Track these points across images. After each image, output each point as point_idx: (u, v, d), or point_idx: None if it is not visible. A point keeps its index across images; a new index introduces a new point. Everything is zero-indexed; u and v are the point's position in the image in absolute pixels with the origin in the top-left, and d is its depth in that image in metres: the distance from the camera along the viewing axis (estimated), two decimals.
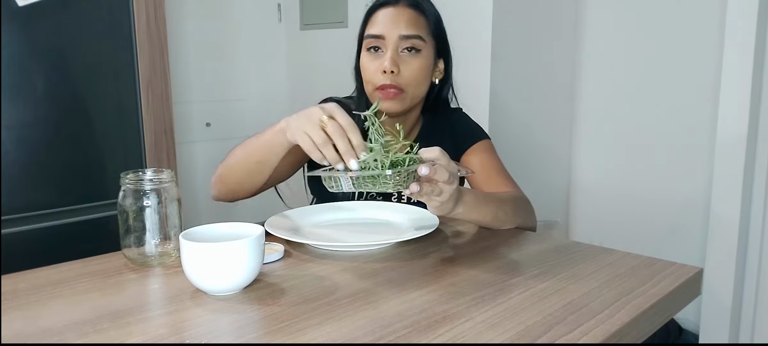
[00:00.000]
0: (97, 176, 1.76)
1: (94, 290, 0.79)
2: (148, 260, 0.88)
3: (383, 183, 0.81)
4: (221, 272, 0.74)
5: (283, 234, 0.96)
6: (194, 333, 0.65)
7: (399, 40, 1.14)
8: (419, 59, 1.16)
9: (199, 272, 0.75)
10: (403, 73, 1.15)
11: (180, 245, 0.76)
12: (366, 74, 1.18)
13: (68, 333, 0.65)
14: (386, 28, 1.15)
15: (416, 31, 1.15)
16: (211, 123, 2.45)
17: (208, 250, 0.74)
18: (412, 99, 1.18)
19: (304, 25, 2.55)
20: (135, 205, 0.87)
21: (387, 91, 1.15)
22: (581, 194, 2.25)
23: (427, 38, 1.17)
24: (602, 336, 0.64)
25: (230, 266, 0.74)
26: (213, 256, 0.74)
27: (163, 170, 0.89)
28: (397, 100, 1.16)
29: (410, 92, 1.17)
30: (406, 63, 1.15)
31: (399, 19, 1.15)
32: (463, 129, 1.29)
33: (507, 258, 0.91)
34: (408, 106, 1.19)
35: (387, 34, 1.15)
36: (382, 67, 1.14)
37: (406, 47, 1.15)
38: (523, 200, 1.16)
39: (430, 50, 1.19)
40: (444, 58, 1.24)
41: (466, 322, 0.68)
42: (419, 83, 1.18)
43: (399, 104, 1.17)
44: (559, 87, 2.19)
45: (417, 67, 1.16)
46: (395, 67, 1.14)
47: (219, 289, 0.76)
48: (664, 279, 0.82)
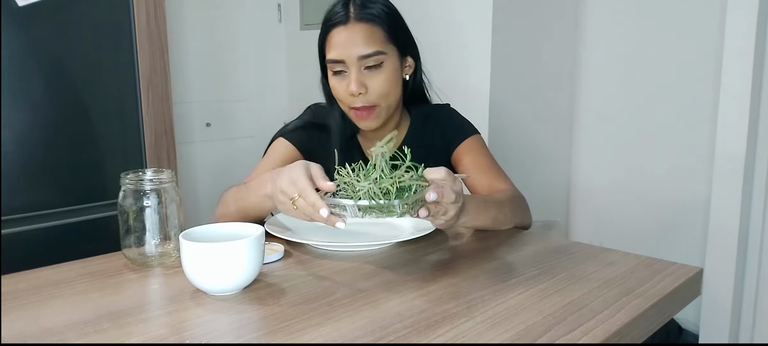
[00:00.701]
0: (97, 176, 1.76)
1: (95, 291, 0.79)
2: (148, 260, 0.88)
3: (390, 212, 0.80)
4: (221, 272, 0.74)
5: (283, 234, 0.96)
6: (194, 333, 0.65)
7: (359, 61, 1.12)
8: (384, 72, 1.14)
9: (200, 272, 0.75)
10: (371, 90, 1.13)
11: (180, 245, 0.76)
12: (338, 96, 1.18)
13: (68, 333, 0.65)
14: (344, 52, 1.12)
15: (373, 47, 1.12)
16: (211, 123, 2.45)
17: (208, 250, 0.74)
18: (387, 109, 1.17)
19: (304, 25, 2.56)
20: (135, 205, 0.87)
21: (360, 112, 1.15)
22: (581, 194, 2.25)
23: (386, 48, 1.14)
24: (602, 336, 0.64)
25: (230, 266, 0.74)
26: (213, 256, 0.74)
27: (163, 170, 0.90)
28: (373, 117, 1.16)
29: (384, 104, 1.16)
30: (372, 78, 1.13)
31: (354, 40, 1.12)
32: (453, 125, 1.28)
33: (507, 258, 0.91)
34: (385, 117, 1.18)
35: (346, 58, 1.12)
36: (349, 90, 1.13)
37: (368, 66, 1.13)
38: (519, 198, 1.16)
39: (393, 57, 1.15)
40: (410, 53, 1.22)
41: (466, 322, 0.68)
42: (389, 93, 1.16)
43: (375, 120, 1.16)
44: (559, 87, 2.19)
45: (383, 80, 1.14)
46: (362, 89, 1.12)
47: (219, 289, 0.76)
48: (664, 279, 0.82)
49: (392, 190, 0.79)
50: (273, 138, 1.26)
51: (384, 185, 0.80)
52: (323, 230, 1.05)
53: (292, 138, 1.22)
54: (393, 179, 0.80)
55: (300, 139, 1.22)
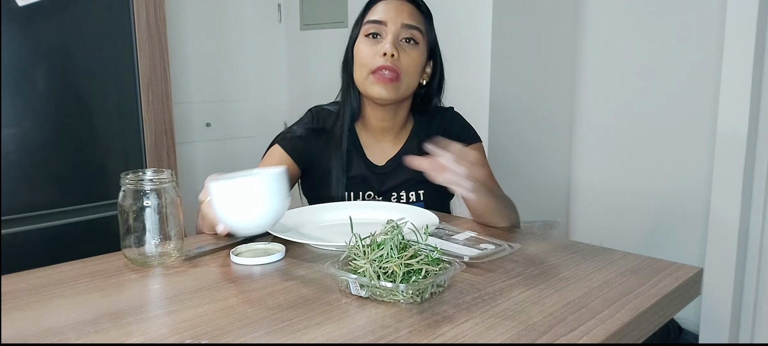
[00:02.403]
0: (98, 176, 1.76)
1: (95, 290, 0.79)
2: (148, 260, 0.88)
3: (394, 296, 0.72)
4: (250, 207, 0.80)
5: (283, 234, 0.96)
6: (194, 333, 0.65)
7: (400, 29, 1.18)
8: (417, 51, 1.20)
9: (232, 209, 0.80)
10: (402, 60, 1.17)
11: (209, 189, 0.82)
12: (362, 58, 1.19)
13: (69, 333, 0.65)
14: (389, 15, 1.18)
15: (417, 23, 1.19)
16: (211, 123, 2.45)
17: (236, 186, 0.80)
18: (405, 88, 1.20)
19: (304, 25, 2.56)
20: (135, 205, 0.87)
21: (384, 74, 1.16)
22: (581, 194, 2.25)
23: (424, 33, 1.21)
24: (602, 336, 0.64)
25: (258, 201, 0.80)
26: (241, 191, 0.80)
27: (163, 170, 0.89)
28: (393, 85, 1.17)
29: (405, 81, 1.19)
30: (405, 52, 1.18)
31: (401, 9, 1.19)
32: (457, 129, 1.30)
33: (507, 258, 0.91)
34: (401, 95, 1.20)
35: (389, 20, 1.17)
36: (382, 50, 1.16)
37: (405, 37, 1.18)
38: (511, 202, 1.19)
39: (424, 46, 1.22)
40: (433, 60, 1.27)
41: (466, 322, 0.68)
42: (413, 74, 1.20)
43: (394, 91, 1.18)
44: (559, 87, 2.19)
45: (415, 57, 1.19)
46: (395, 51, 1.16)
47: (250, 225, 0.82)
48: (664, 279, 0.82)
49: (398, 272, 0.72)
50: (272, 142, 1.27)
51: (390, 266, 0.73)
52: (323, 230, 1.05)
53: (286, 146, 1.23)
54: (400, 259, 0.73)
55: (294, 146, 1.23)
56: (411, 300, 0.72)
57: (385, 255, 0.74)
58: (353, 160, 1.25)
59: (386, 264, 0.73)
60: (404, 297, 0.72)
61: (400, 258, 0.73)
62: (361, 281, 0.73)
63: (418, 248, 0.76)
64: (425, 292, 0.73)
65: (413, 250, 0.75)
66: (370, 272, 0.73)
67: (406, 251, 0.74)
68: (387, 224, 0.78)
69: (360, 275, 0.74)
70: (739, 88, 1.71)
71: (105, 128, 1.77)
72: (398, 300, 0.72)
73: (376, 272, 0.73)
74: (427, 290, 0.73)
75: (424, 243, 0.77)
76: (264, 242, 0.98)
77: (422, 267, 0.74)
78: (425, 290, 0.73)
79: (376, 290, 0.73)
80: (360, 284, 0.73)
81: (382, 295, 0.73)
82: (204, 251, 0.94)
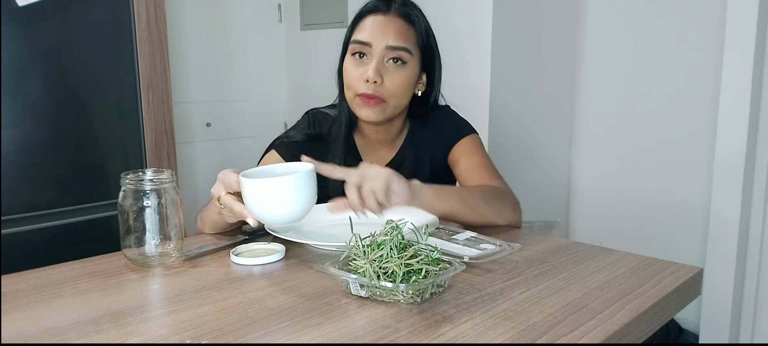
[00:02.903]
0: (98, 176, 1.76)
1: (95, 290, 0.79)
2: (148, 261, 0.88)
3: (394, 296, 0.72)
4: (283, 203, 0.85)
5: (283, 234, 0.96)
6: (194, 333, 0.65)
7: (385, 50, 1.13)
8: (404, 71, 1.15)
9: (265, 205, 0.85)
10: (387, 83, 1.13)
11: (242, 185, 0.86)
12: (348, 79, 1.16)
13: (69, 333, 0.65)
14: (373, 36, 1.13)
15: (404, 43, 1.13)
16: (211, 123, 2.45)
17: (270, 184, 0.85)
18: (393, 109, 1.17)
19: (304, 25, 2.56)
20: (135, 205, 0.87)
21: (367, 99, 1.13)
22: (581, 194, 2.25)
23: (414, 50, 1.15)
24: (602, 336, 0.64)
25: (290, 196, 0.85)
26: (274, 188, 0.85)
27: (163, 170, 0.90)
28: (378, 109, 1.14)
29: (392, 103, 1.15)
30: (391, 74, 1.13)
31: (387, 29, 1.13)
32: (450, 126, 1.27)
33: (507, 258, 0.91)
34: (388, 116, 1.17)
35: (374, 42, 1.13)
36: (365, 75, 1.12)
37: (391, 58, 1.13)
38: (500, 191, 1.13)
39: (415, 63, 1.17)
40: (429, 71, 1.22)
41: (466, 322, 0.68)
42: (401, 95, 1.16)
43: (379, 114, 1.15)
44: (559, 87, 2.19)
45: (401, 80, 1.14)
46: (378, 78, 1.12)
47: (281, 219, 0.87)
48: (664, 279, 0.82)
49: (398, 272, 0.72)
50: (269, 146, 1.26)
51: (390, 266, 0.73)
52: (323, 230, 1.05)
53: (283, 151, 1.21)
54: (400, 259, 0.73)
55: (291, 152, 1.21)
56: (411, 300, 0.72)
57: (385, 255, 0.74)
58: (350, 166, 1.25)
59: (386, 264, 0.73)
60: (404, 297, 0.72)
61: (400, 258, 0.73)
62: (361, 281, 0.73)
63: (418, 248, 0.76)
64: (425, 292, 0.73)
65: (413, 250, 0.75)
66: (370, 272, 0.73)
67: (406, 251, 0.74)
68: (387, 224, 0.78)
69: (360, 275, 0.74)
70: (739, 88, 1.71)
71: (105, 128, 1.77)
72: (398, 300, 0.72)
73: (376, 272, 0.73)
74: (427, 290, 0.73)
75: (424, 243, 0.77)
76: (264, 242, 0.98)
77: (422, 267, 0.73)
78: (425, 290, 0.73)
79: (376, 290, 0.73)
80: (360, 284, 0.73)
81: (382, 295, 0.73)
82: (204, 251, 0.94)
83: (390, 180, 0.90)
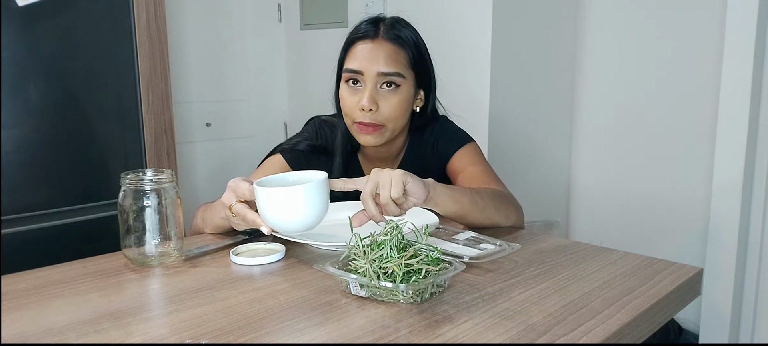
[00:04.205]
0: (97, 176, 1.76)
1: (95, 290, 0.79)
2: (148, 260, 0.88)
3: (394, 296, 0.73)
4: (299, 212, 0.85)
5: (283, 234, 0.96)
6: (194, 333, 0.65)
7: (377, 77, 1.13)
8: (398, 94, 1.15)
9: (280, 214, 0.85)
10: (382, 109, 1.14)
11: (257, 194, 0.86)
12: (345, 107, 1.17)
13: (69, 333, 0.65)
14: (364, 64, 1.13)
15: (395, 68, 1.13)
16: (211, 123, 2.45)
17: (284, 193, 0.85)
18: (392, 132, 1.18)
19: (304, 25, 2.55)
20: (135, 205, 0.87)
21: (365, 127, 1.14)
22: (581, 194, 2.25)
23: (406, 72, 1.15)
24: (602, 336, 0.64)
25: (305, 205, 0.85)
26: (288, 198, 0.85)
27: (163, 170, 0.90)
28: (376, 134, 1.15)
29: (390, 126, 1.16)
30: (385, 99, 1.14)
31: (378, 55, 1.13)
32: (446, 137, 1.27)
33: (507, 258, 0.91)
34: (388, 138, 1.18)
35: (365, 70, 1.13)
36: (360, 104, 1.13)
37: (384, 82, 1.14)
38: (506, 195, 1.14)
39: (409, 83, 1.17)
40: (425, 87, 1.22)
41: (466, 322, 0.68)
42: (398, 117, 1.16)
43: (378, 138, 1.16)
44: (559, 87, 2.19)
45: (396, 103, 1.14)
46: (373, 105, 1.12)
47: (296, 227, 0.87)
48: (664, 279, 0.82)
49: (398, 272, 0.72)
50: (272, 150, 1.25)
51: (390, 266, 0.73)
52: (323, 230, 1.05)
53: (289, 157, 1.22)
54: (400, 259, 0.73)
55: (297, 160, 1.21)
56: (411, 300, 0.72)
57: (385, 255, 0.74)
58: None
59: (386, 264, 0.73)
60: (404, 297, 0.72)
61: (400, 258, 0.73)
62: (361, 281, 0.73)
63: (418, 248, 0.76)
64: (425, 292, 0.73)
65: (413, 250, 0.75)
66: (370, 272, 0.73)
67: (406, 251, 0.74)
68: (387, 224, 0.78)
69: (360, 275, 0.74)
70: (739, 88, 1.71)
71: (105, 128, 1.77)
72: (398, 300, 0.72)
73: (376, 272, 0.73)
74: (427, 290, 0.73)
75: (424, 243, 0.77)
76: (264, 241, 0.98)
77: (422, 267, 0.73)
78: (425, 290, 0.73)
79: (376, 290, 0.73)
80: (360, 284, 0.73)
81: (382, 295, 0.73)
82: (204, 251, 0.94)
83: (405, 181, 0.89)
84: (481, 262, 0.87)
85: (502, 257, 0.89)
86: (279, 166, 1.21)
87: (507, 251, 0.90)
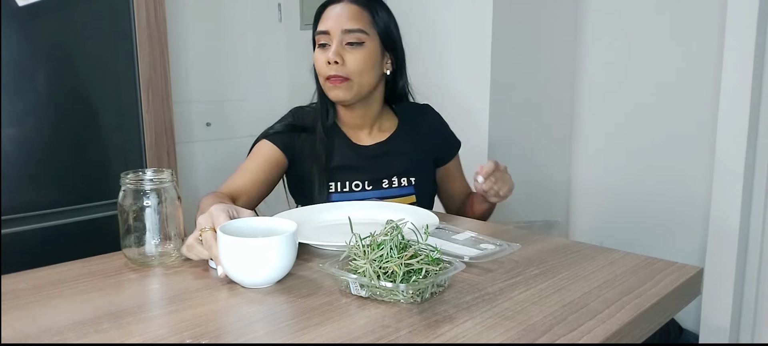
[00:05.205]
0: (98, 176, 1.76)
1: (95, 290, 0.79)
2: (148, 260, 0.88)
3: (394, 296, 0.72)
4: (258, 265, 0.76)
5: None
6: (194, 333, 0.65)
7: (342, 34, 1.23)
8: (362, 50, 1.24)
9: (238, 266, 0.77)
10: (348, 63, 1.23)
11: (219, 239, 0.78)
12: (318, 67, 1.27)
13: (69, 333, 0.65)
14: (331, 24, 1.24)
15: (358, 25, 1.23)
16: (211, 123, 2.45)
17: (247, 245, 0.76)
18: (359, 87, 1.25)
19: (304, 25, 2.55)
20: (135, 205, 0.87)
21: (333, 79, 1.23)
22: (581, 194, 2.25)
23: (369, 31, 1.25)
24: (602, 336, 0.64)
25: (267, 260, 0.76)
26: (251, 250, 0.76)
27: (163, 170, 0.90)
28: (344, 87, 1.24)
29: (356, 81, 1.24)
30: (350, 53, 1.23)
31: (342, 15, 1.24)
32: (444, 135, 1.41)
33: (507, 258, 0.91)
34: (356, 93, 1.25)
35: (331, 29, 1.23)
36: (326, 57, 1.23)
37: (349, 41, 1.23)
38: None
39: (374, 42, 1.26)
40: (392, 52, 1.31)
41: (466, 322, 0.68)
42: (364, 72, 1.25)
43: (346, 92, 1.24)
44: (559, 87, 2.18)
45: (360, 58, 1.23)
46: (338, 58, 1.22)
47: (255, 282, 0.78)
48: (664, 279, 0.82)
49: (398, 272, 0.72)
50: (256, 139, 1.31)
51: (390, 266, 0.72)
52: (323, 230, 1.05)
53: (275, 140, 1.28)
54: (400, 259, 0.73)
55: (283, 141, 1.29)
56: (411, 300, 0.72)
57: (385, 255, 0.74)
58: (337, 149, 1.30)
59: (386, 264, 0.73)
60: (404, 297, 0.72)
61: (400, 258, 0.73)
62: (361, 281, 0.73)
63: (418, 248, 0.76)
64: (425, 292, 0.73)
65: (413, 250, 0.75)
66: (370, 272, 0.73)
67: (406, 251, 0.74)
68: (387, 224, 0.78)
69: (360, 275, 0.74)
70: (739, 88, 1.71)
71: (105, 128, 1.77)
72: (398, 300, 0.72)
73: (376, 272, 0.73)
74: (427, 290, 0.73)
75: (424, 243, 0.77)
76: None
77: (422, 267, 0.73)
78: (425, 290, 0.73)
79: (376, 290, 0.73)
80: (360, 284, 0.73)
81: (382, 295, 0.73)
82: None
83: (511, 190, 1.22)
84: (481, 262, 0.87)
85: (502, 256, 0.89)
86: (268, 150, 1.27)
87: (507, 250, 0.90)
